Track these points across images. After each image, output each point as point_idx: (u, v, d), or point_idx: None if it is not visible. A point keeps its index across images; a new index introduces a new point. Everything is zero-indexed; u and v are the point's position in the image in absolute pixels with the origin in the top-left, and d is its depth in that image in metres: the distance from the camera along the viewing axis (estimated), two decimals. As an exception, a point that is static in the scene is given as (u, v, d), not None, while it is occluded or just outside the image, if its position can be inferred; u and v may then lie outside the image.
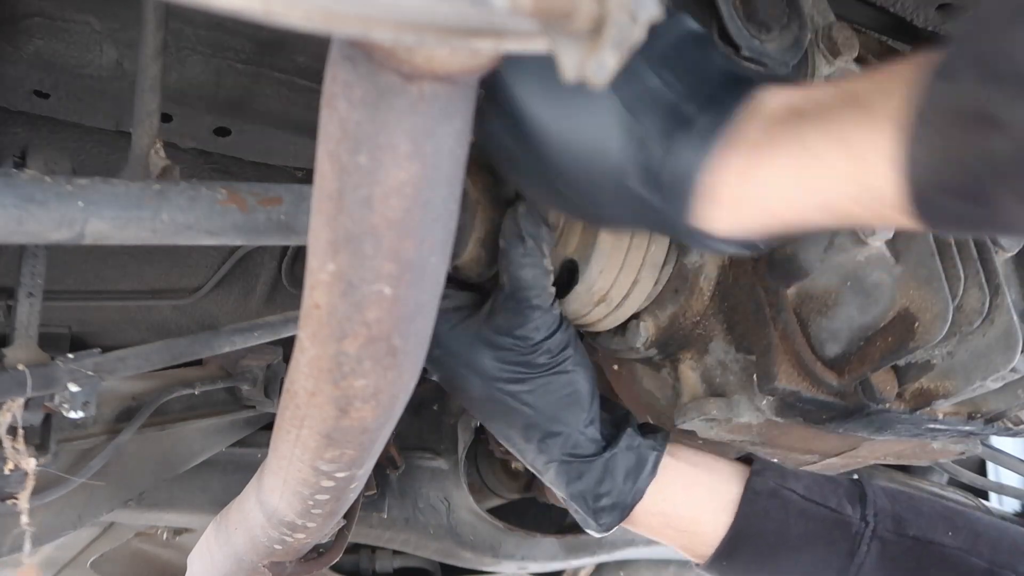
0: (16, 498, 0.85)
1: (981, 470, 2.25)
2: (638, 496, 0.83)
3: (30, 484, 0.84)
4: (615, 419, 0.87)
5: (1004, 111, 0.46)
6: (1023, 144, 0.46)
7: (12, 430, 0.81)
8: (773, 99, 0.59)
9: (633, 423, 0.86)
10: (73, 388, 0.84)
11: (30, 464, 0.83)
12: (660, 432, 0.87)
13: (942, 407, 0.89)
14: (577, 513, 0.85)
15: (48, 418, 0.95)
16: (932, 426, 0.91)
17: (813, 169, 0.55)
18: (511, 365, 0.80)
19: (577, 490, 0.83)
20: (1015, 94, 0.45)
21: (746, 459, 0.90)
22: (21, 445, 0.82)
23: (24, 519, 0.84)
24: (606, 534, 0.86)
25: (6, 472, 0.84)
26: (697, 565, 0.88)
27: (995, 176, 0.48)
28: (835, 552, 0.81)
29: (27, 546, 0.87)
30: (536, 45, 0.36)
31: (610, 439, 0.84)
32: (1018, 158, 0.46)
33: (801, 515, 0.82)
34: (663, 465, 0.84)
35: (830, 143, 0.53)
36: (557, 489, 0.85)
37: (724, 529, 0.83)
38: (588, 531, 0.86)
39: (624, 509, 0.83)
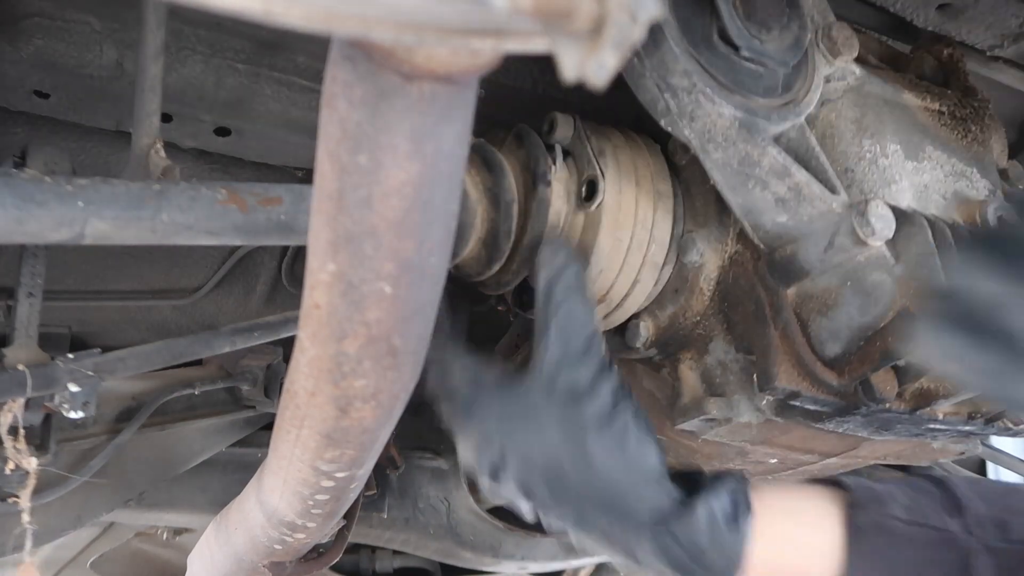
0: (17, 497, 0.85)
1: (981, 470, 2.25)
2: (743, 542, 0.74)
3: (31, 483, 0.84)
4: (678, 471, 0.79)
5: None
6: None
7: (13, 430, 0.82)
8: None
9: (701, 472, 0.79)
10: (73, 388, 0.84)
11: (31, 464, 0.83)
12: (733, 473, 0.79)
13: (942, 407, 0.88)
14: None
15: (48, 418, 0.95)
16: (932, 426, 0.91)
17: None
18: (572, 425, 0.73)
19: (676, 556, 0.74)
20: None
21: (833, 481, 0.83)
22: (22, 445, 0.82)
23: (25, 518, 0.84)
24: None
25: (7, 472, 0.84)
26: None
27: None
28: (948, 573, 0.77)
29: (28, 544, 0.87)
30: (536, 45, 0.36)
31: (689, 488, 0.76)
32: None
33: (908, 543, 0.77)
34: (756, 506, 0.76)
35: None
36: (656, 562, 0.75)
37: (835, 573, 0.78)
38: None
39: (733, 560, 0.74)
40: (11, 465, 0.83)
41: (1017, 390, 0.58)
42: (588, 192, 0.89)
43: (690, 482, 0.77)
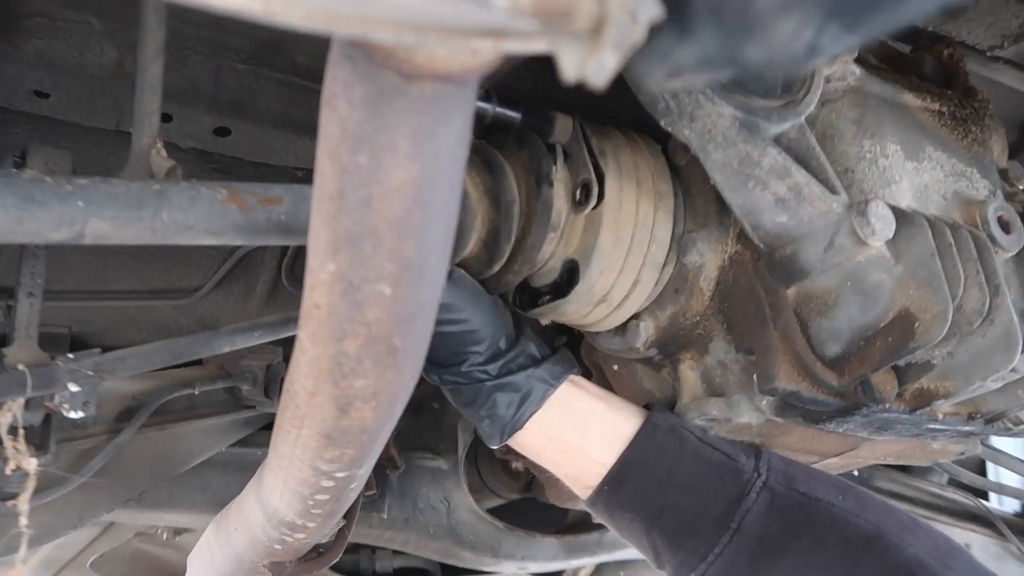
0: (15, 499, 0.85)
1: (981, 470, 2.25)
2: (518, 424, 0.88)
3: (31, 485, 0.84)
4: (525, 354, 0.90)
5: None
6: None
7: (13, 430, 0.81)
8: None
9: (538, 352, 0.90)
10: (73, 388, 0.84)
11: (32, 464, 0.83)
12: (565, 365, 0.91)
13: (942, 407, 0.88)
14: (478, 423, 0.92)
15: (48, 418, 0.95)
16: (932, 426, 0.91)
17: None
18: None
19: (467, 413, 0.92)
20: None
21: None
22: (22, 445, 0.82)
23: (23, 521, 0.84)
24: (496, 447, 0.92)
25: (7, 473, 0.84)
26: (585, 503, 0.91)
27: None
28: (723, 495, 0.83)
29: (22, 550, 0.87)
30: (536, 45, 0.36)
31: (504, 374, 0.88)
32: None
33: (695, 456, 0.85)
34: (561, 393, 0.89)
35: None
36: (453, 399, 0.92)
37: (615, 459, 0.87)
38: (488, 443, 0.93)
39: (503, 434, 0.89)
40: (11, 465, 0.83)
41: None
42: (583, 195, 0.89)
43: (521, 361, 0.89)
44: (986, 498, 2.08)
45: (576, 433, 0.89)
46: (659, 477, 0.85)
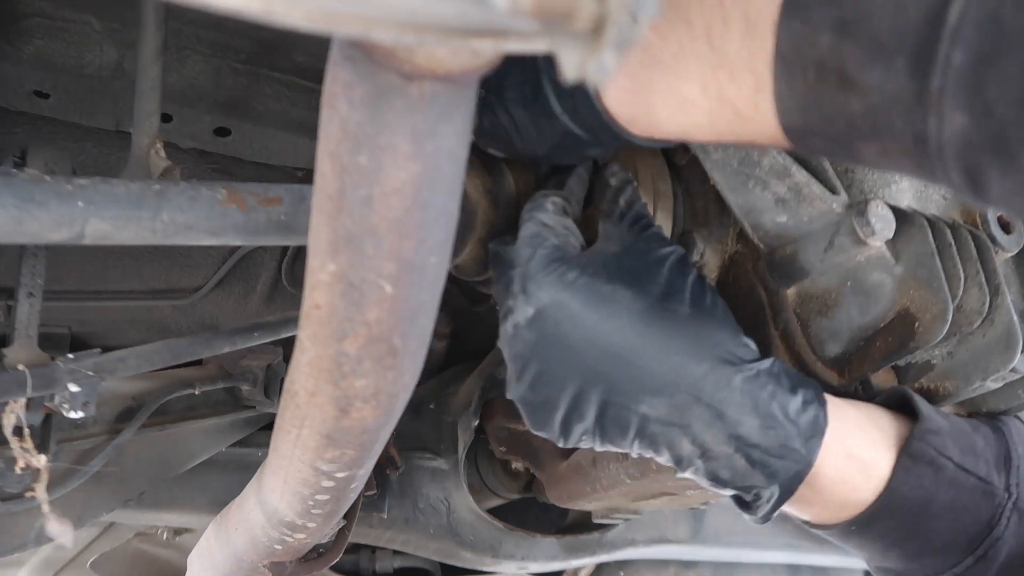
0: (33, 494, 0.86)
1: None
2: (820, 437, 0.72)
3: (45, 477, 0.85)
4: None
5: (858, 73, 0.46)
6: (875, 106, 0.46)
7: (18, 430, 0.82)
8: None
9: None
10: (73, 388, 0.84)
11: (41, 461, 0.84)
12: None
13: (942, 407, 0.89)
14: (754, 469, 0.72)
15: (48, 418, 0.95)
16: (932, 426, 0.91)
17: (694, 95, 0.57)
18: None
19: (771, 414, 0.70)
20: (868, 57, 0.45)
21: (905, 399, 0.81)
22: (29, 444, 0.82)
23: (45, 508, 0.85)
24: (774, 509, 0.74)
25: (18, 471, 0.85)
26: (810, 525, 0.81)
27: (852, 131, 0.49)
28: (975, 521, 0.76)
29: (49, 527, 0.88)
30: (536, 45, 0.36)
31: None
32: (871, 119, 0.47)
33: (951, 485, 0.76)
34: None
35: (714, 70, 0.55)
36: (747, 416, 0.71)
37: (873, 495, 0.75)
38: (750, 513, 0.76)
39: (810, 454, 0.71)
40: (20, 464, 0.84)
41: None
42: None
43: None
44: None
45: (850, 456, 0.75)
46: (913, 512, 0.76)
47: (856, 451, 0.75)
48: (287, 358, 0.75)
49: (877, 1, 0.45)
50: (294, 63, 1.03)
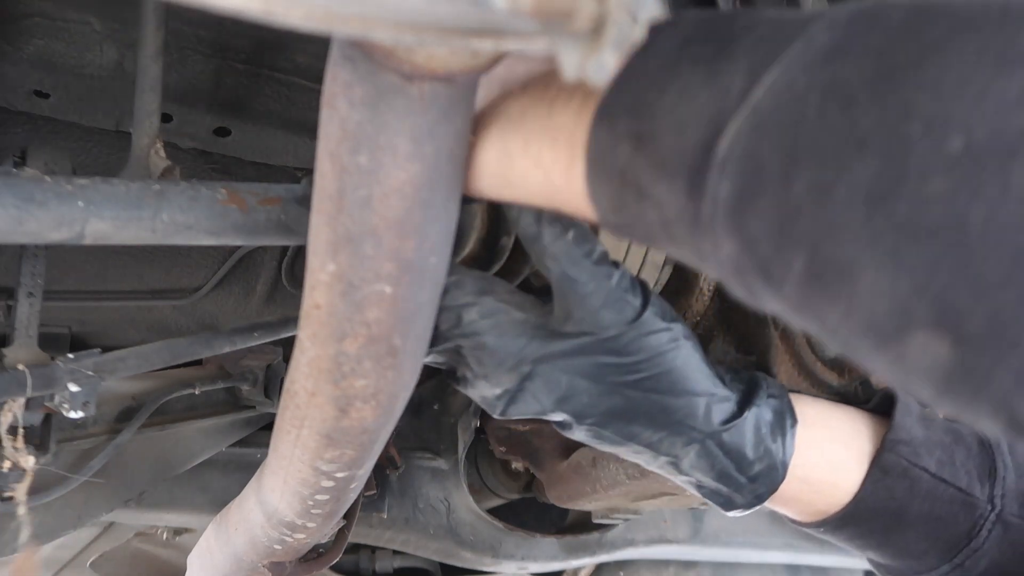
0: (13, 494, 0.85)
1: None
2: (788, 454, 0.74)
3: (28, 479, 0.85)
4: (732, 372, 0.77)
5: (650, 186, 0.47)
6: (667, 219, 0.47)
7: (12, 430, 0.82)
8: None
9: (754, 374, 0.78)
10: (73, 388, 0.84)
11: (28, 462, 0.84)
12: (771, 380, 0.78)
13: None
14: (716, 495, 0.76)
15: (48, 418, 0.95)
16: (932, 426, 0.91)
17: (516, 150, 0.57)
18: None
19: (722, 466, 0.73)
20: (656, 173, 0.46)
21: (888, 401, 0.81)
22: (21, 444, 0.82)
23: (21, 511, 0.84)
24: (748, 512, 0.78)
25: (4, 470, 0.85)
26: (792, 521, 0.82)
27: (651, 235, 0.51)
28: (953, 531, 0.76)
29: (23, 536, 0.87)
30: (536, 45, 0.36)
31: (744, 394, 0.75)
32: (666, 230, 0.48)
33: (927, 496, 0.76)
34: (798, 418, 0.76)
35: (542, 132, 0.56)
36: (701, 473, 0.75)
37: (839, 506, 0.77)
38: (729, 513, 0.79)
39: (778, 471, 0.74)
40: (7, 464, 0.84)
41: None
42: None
43: (741, 378, 0.76)
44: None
45: (825, 467, 0.77)
46: (884, 522, 0.77)
47: (829, 458, 0.77)
48: (287, 358, 0.75)
49: (666, 119, 0.46)
50: (294, 63, 1.03)
